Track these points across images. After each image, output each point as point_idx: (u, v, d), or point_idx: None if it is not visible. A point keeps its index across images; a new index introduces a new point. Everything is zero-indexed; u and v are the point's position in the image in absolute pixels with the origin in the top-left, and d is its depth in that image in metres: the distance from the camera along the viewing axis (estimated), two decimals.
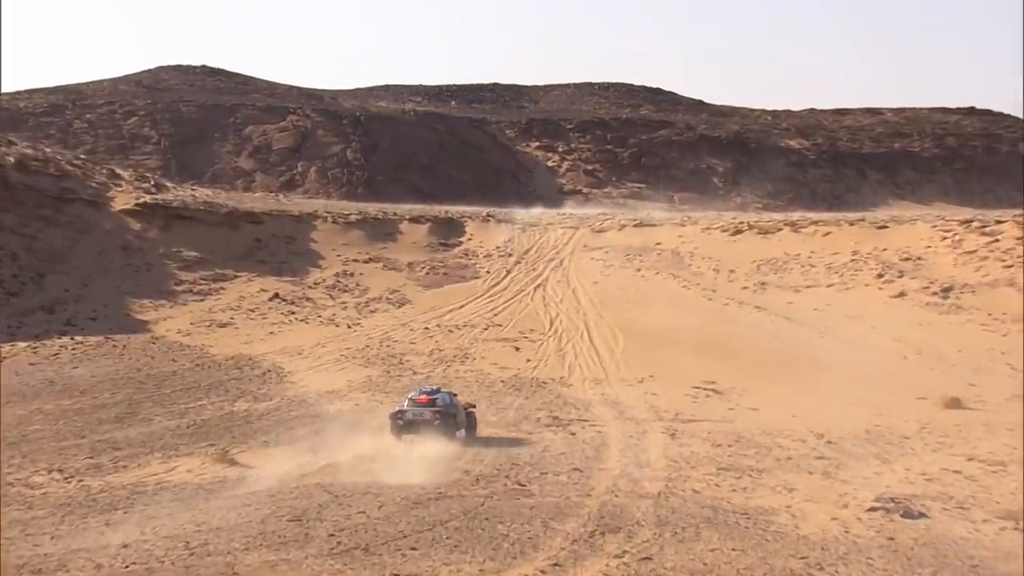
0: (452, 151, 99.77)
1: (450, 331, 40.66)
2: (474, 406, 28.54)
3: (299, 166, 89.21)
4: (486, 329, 41.22)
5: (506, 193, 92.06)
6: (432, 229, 57.87)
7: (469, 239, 57.86)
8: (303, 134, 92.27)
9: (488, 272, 52.40)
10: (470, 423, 27.59)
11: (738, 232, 55.22)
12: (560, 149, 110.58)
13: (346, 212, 57.98)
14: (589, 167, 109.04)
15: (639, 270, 52.98)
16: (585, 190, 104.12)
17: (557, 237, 59.45)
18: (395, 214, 59.18)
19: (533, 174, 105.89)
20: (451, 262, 53.77)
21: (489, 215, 62.64)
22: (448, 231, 58.37)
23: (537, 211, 66.98)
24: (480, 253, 55.69)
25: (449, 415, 26.40)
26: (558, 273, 51.83)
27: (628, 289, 48.29)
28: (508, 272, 52.62)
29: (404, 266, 51.91)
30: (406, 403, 26.70)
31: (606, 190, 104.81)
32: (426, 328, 41.10)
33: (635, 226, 60.00)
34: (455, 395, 28.06)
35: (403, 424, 26.06)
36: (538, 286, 49.28)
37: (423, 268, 51.86)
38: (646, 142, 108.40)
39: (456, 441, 25.38)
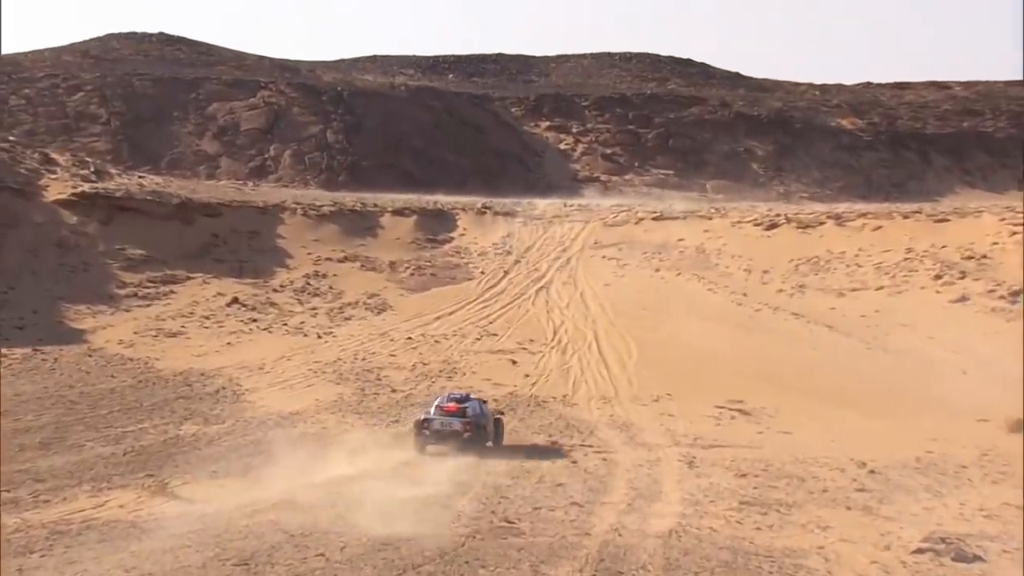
0: (449, 132, 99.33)
1: (437, 341, 40.69)
2: (502, 413, 29.74)
3: (271, 150, 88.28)
4: (479, 339, 41.17)
5: (512, 181, 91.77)
6: (419, 223, 57.80)
7: (461, 235, 57.79)
8: (276, 113, 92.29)
9: (483, 273, 52.11)
10: (497, 432, 28.46)
11: (773, 226, 55.05)
12: (574, 130, 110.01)
13: (318, 203, 58.29)
14: (608, 151, 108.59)
15: (658, 270, 52.48)
16: (603, 177, 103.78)
17: (564, 232, 59.36)
18: (375, 206, 59.38)
19: (543, 159, 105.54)
20: (440, 261, 53.72)
21: (485, 207, 62.61)
22: (437, 225, 58.41)
23: (543, 202, 67.42)
24: (474, 251, 55.38)
25: (480, 426, 27.21)
26: (564, 274, 51.58)
27: (645, 292, 48.11)
28: (506, 273, 52.43)
29: (385, 266, 51.66)
30: (433, 411, 27.33)
31: (627, 177, 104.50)
32: (409, 338, 41.07)
33: (654, 219, 59.81)
34: (485, 402, 28.92)
35: (429, 435, 26.90)
36: (540, 289, 49.16)
37: (407, 268, 51.67)
38: (674, 121, 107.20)
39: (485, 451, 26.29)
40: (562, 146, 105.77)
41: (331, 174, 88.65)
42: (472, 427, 26.67)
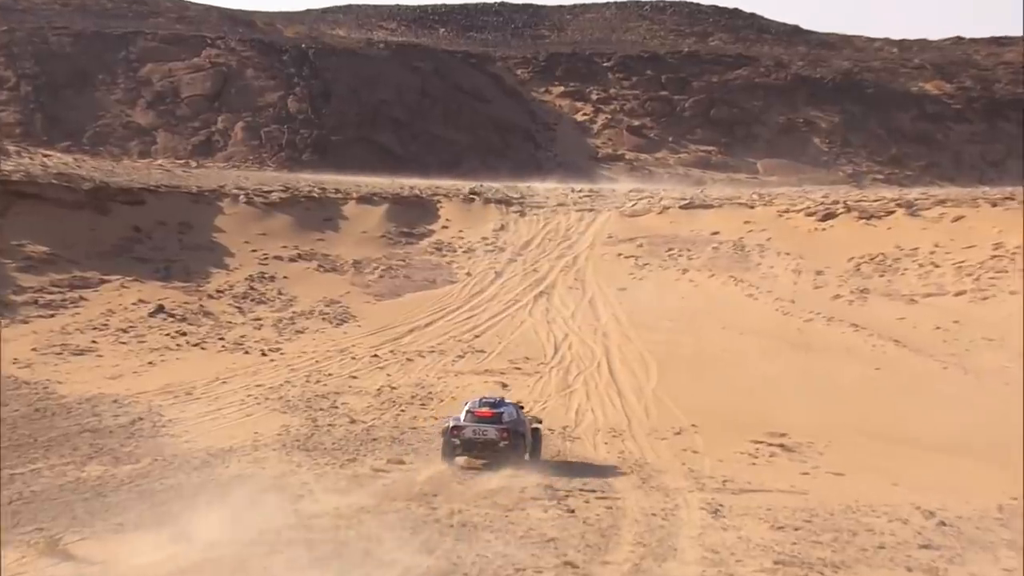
0: (439, 99, 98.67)
1: (409, 360, 39.93)
2: (540, 421, 31.16)
3: (219, 121, 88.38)
4: (461, 357, 40.56)
5: (516, 160, 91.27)
6: (391, 213, 57.67)
7: (444, 227, 57.83)
8: (225, 76, 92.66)
9: (469, 275, 51.85)
10: (535, 443, 30.12)
11: (830, 216, 54.55)
12: (594, 97, 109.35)
13: (266, 188, 57.94)
14: (635, 122, 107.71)
15: (686, 272, 52.13)
16: (629, 156, 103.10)
17: (570, 225, 59.53)
18: (337, 191, 58.95)
19: (555, 133, 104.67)
20: (416, 260, 53.59)
21: (474, 192, 62.13)
22: (414, 216, 58.21)
23: (545, 187, 67.50)
24: (458, 247, 55.28)
25: (519, 435, 28.85)
26: (569, 276, 51.35)
27: (668, 299, 47.73)
28: (498, 274, 52.12)
29: (348, 266, 51.45)
30: (463, 416, 28.91)
31: (659, 155, 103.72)
32: (375, 355, 40.43)
33: (682, 207, 59.83)
34: (522, 407, 30.64)
35: (460, 444, 28.52)
36: (540, 295, 48.74)
37: (375, 269, 51.20)
38: (718, 86, 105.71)
39: (521, 466, 27.63)
40: (579, 117, 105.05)
41: (293, 152, 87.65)
42: (510, 435, 27.96)
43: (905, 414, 33.67)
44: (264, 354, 41.04)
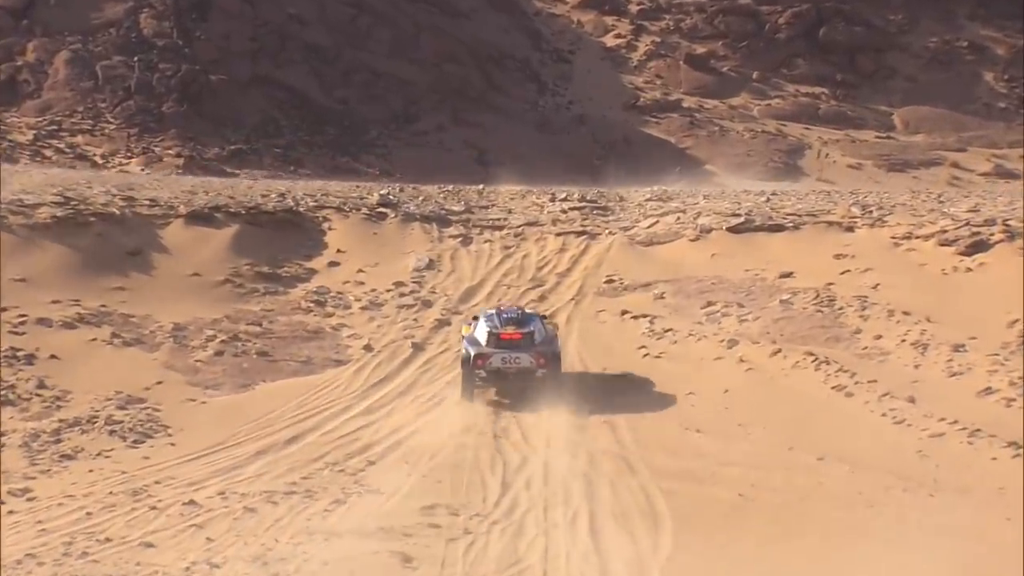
0: (384, 15, 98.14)
1: (249, 511, 34.43)
2: (557, 327, 38.17)
3: (29, 50, 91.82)
4: (341, 503, 34.62)
5: (507, 113, 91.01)
6: (243, 240, 55.81)
7: (333, 264, 57.01)
8: None
9: (369, 349, 50.49)
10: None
11: (979, 246, 52.46)
12: (634, 7, 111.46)
13: (30, 200, 54.44)
14: (699, 50, 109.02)
15: (733, 343, 47.91)
16: (688, 102, 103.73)
17: (546, 257, 59.04)
18: (153, 203, 56.52)
19: (571, 65, 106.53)
20: (282, 324, 51.16)
21: (384, 203, 61.05)
22: (283, 244, 56.95)
23: (506, 190, 68.21)
24: (355, 300, 54.07)
25: (555, 357, 37.69)
26: None
27: (704, 391, 45.72)
28: (418, 348, 50.35)
29: (164, 335, 49.96)
30: (486, 341, 36.54)
31: (736, 102, 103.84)
32: (191, 503, 36.65)
33: (732, 230, 59.33)
34: (545, 318, 37.27)
35: (487, 376, 36.80)
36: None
37: (210, 341, 49.69)
38: None
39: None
40: (610, 40, 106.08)
41: (148, 100, 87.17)
42: (548, 360, 36.31)
43: None
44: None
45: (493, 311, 36.96)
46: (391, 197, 61.83)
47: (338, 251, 58.16)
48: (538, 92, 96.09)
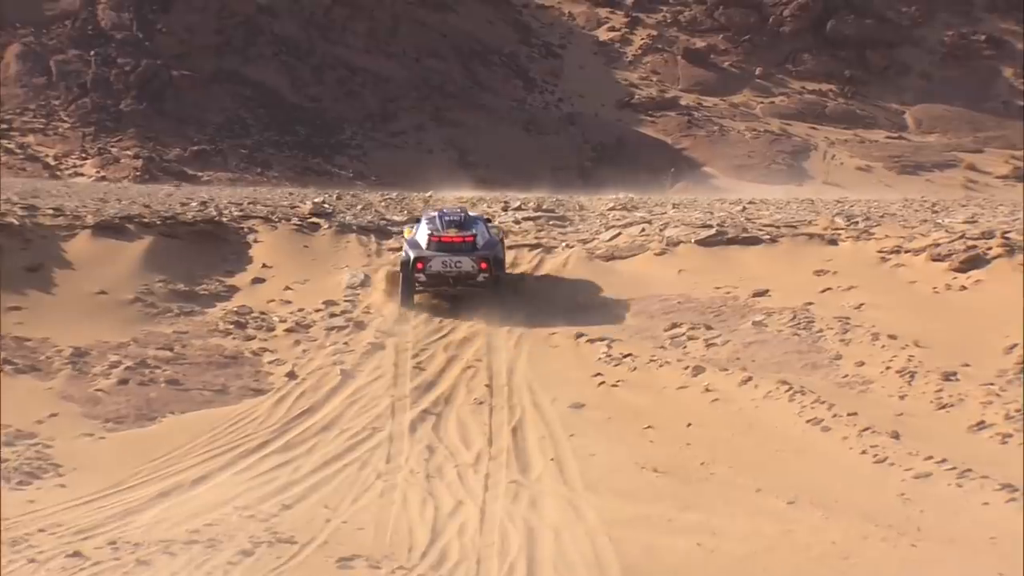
0: (362, 5, 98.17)
1: (142, 564, 36.11)
2: (505, 233, 38.98)
3: None
4: (248, 555, 36.34)
5: (492, 108, 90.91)
6: (156, 255, 54.79)
7: (257, 280, 56.07)
8: None
9: (293, 376, 49.29)
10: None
11: (975, 261, 50.76)
12: (627, 2, 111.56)
13: None
14: (699, 43, 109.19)
15: (699, 370, 47.31)
16: (687, 98, 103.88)
17: None
18: (58, 212, 55.59)
19: (562, 60, 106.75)
20: (196, 348, 49.59)
21: (318, 212, 59.65)
22: (203, 259, 55.64)
23: (456, 196, 67.45)
24: (280, 321, 53.14)
25: (499, 262, 38.43)
26: (479, 380, 48.75)
27: (664, 423, 44.50)
28: (347, 375, 49.07)
29: (62, 362, 48.67)
30: (426, 244, 37.89)
31: (736, 99, 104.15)
32: (76, 554, 36.28)
33: (702, 243, 58.34)
34: (490, 220, 38.94)
35: (427, 280, 38.36)
36: (421, 419, 45.45)
37: (113, 368, 48.19)
38: None
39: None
40: (603, 34, 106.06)
41: (104, 96, 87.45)
42: (490, 265, 37.31)
43: None
44: None
45: (435, 213, 37.58)
46: (326, 206, 60.14)
47: (264, 266, 57.35)
48: (525, 89, 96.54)
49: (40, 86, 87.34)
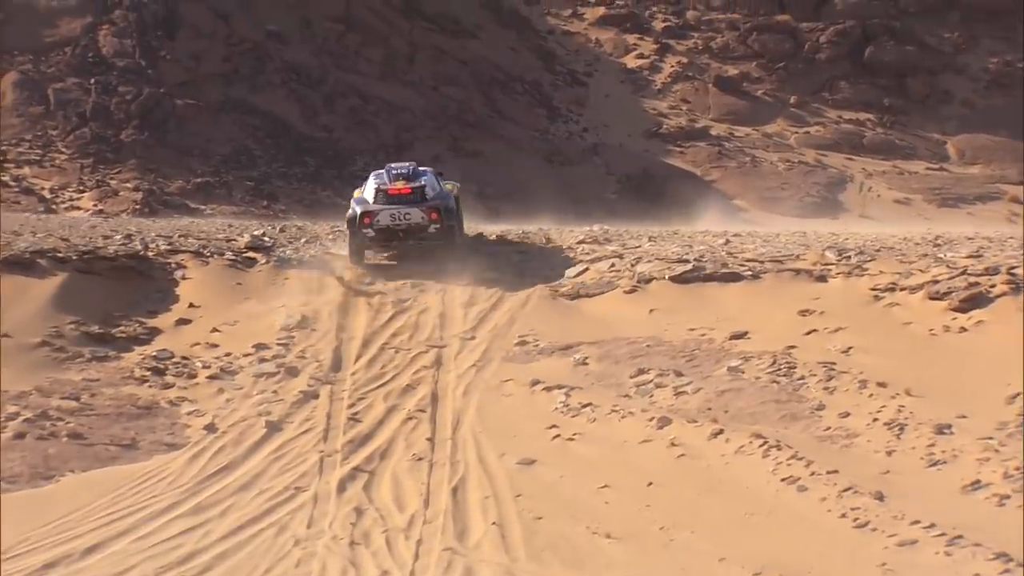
0: (377, 31, 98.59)
1: None
2: (458, 184, 41.13)
3: None
4: None
5: (512, 138, 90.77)
6: (70, 294, 54.11)
7: (181, 321, 55.04)
8: None
9: (211, 429, 47.16)
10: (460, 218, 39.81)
11: (975, 299, 47.65)
12: (658, 24, 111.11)
13: None
14: (731, 71, 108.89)
15: (664, 422, 46.34)
16: (716, 130, 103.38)
17: (446, 312, 56.75)
18: None
19: (588, 88, 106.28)
20: (107, 397, 48.08)
21: (255, 245, 59.68)
22: (122, 298, 55.04)
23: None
24: (203, 366, 51.47)
25: (450, 213, 40.35)
26: (420, 432, 46.69)
27: (622, 482, 41.16)
28: (273, 428, 45.06)
29: None
30: (373, 198, 40.14)
31: (770, 128, 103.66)
32: None
33: (674, 279, 57.32)
34: (442, 174, 40.47)
35: (376, 235, 39.34)
36: (352, 476, 43.46)
37: (13, 420, 43.79)
38: (878, 6, 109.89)
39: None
40: (631, 61, 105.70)
41: (105, 126, 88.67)
42: (441, 215, 39.18)
43: None
44: None
45: (383, 169, 39.51)
46: (265, 239, 58.42)
47: (190, 305, 56.13)
48: (548, 118, 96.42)
49: (37, 115, 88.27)
